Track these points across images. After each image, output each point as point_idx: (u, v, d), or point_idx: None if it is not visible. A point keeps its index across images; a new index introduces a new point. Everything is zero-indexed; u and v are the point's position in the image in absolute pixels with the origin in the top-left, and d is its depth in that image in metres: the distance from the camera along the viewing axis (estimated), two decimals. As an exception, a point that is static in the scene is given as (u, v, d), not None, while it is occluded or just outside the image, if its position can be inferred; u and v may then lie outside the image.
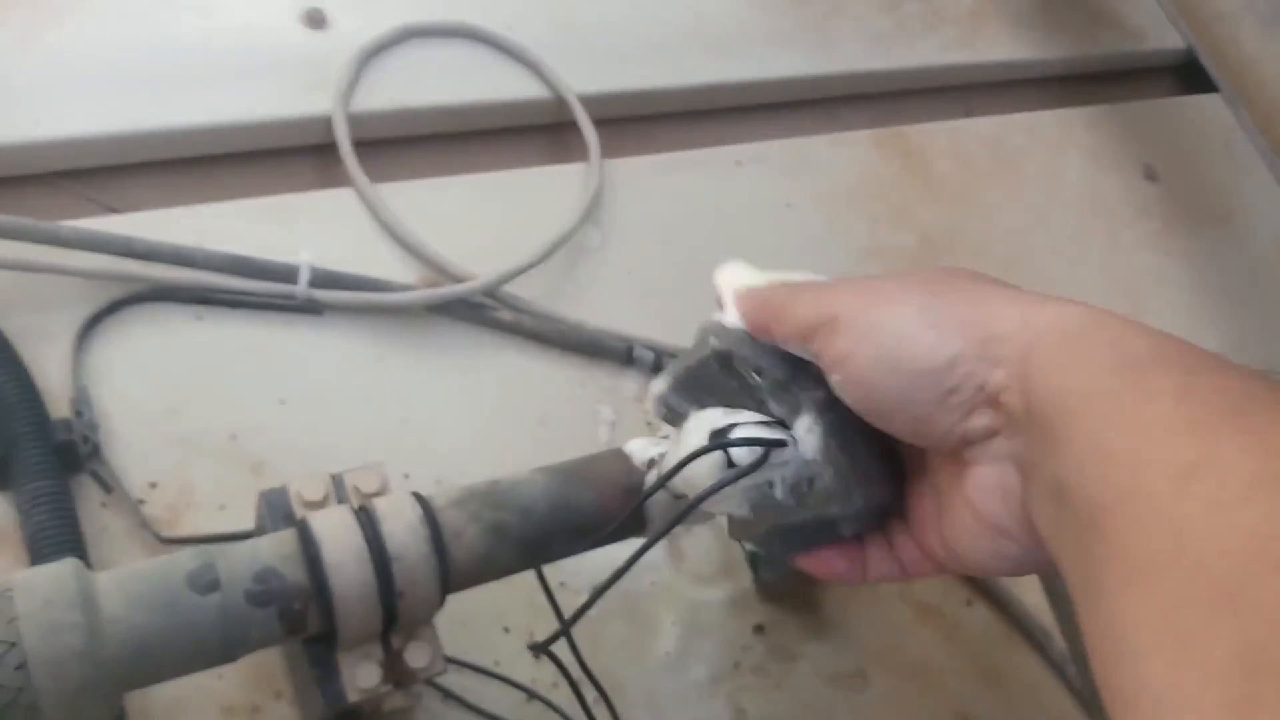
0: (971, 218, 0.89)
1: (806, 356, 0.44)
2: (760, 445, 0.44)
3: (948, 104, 0.99)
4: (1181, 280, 0.92)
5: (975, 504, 0.41)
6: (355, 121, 0.74)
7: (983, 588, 0.70)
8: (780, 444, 0.44)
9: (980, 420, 0.40)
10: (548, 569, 0.52)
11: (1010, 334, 0.39)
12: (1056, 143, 0.97)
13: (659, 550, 0.64)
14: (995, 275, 0.44)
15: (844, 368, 0.42)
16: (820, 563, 0.48)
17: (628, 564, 0.45)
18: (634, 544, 0.47)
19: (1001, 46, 1.01)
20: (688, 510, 0.46)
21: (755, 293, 0.47)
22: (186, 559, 0.45)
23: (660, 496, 0.50)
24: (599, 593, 0.45)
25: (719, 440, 0.45)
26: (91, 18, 0.73)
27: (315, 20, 0.77)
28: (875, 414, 0.43)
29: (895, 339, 0.41)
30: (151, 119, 0.70)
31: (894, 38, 0.96)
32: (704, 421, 0.47)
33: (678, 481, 0.47)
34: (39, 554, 0.53)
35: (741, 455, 0.45)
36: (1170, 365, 0.35)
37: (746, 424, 0.45)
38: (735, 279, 0.48)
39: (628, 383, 0.72)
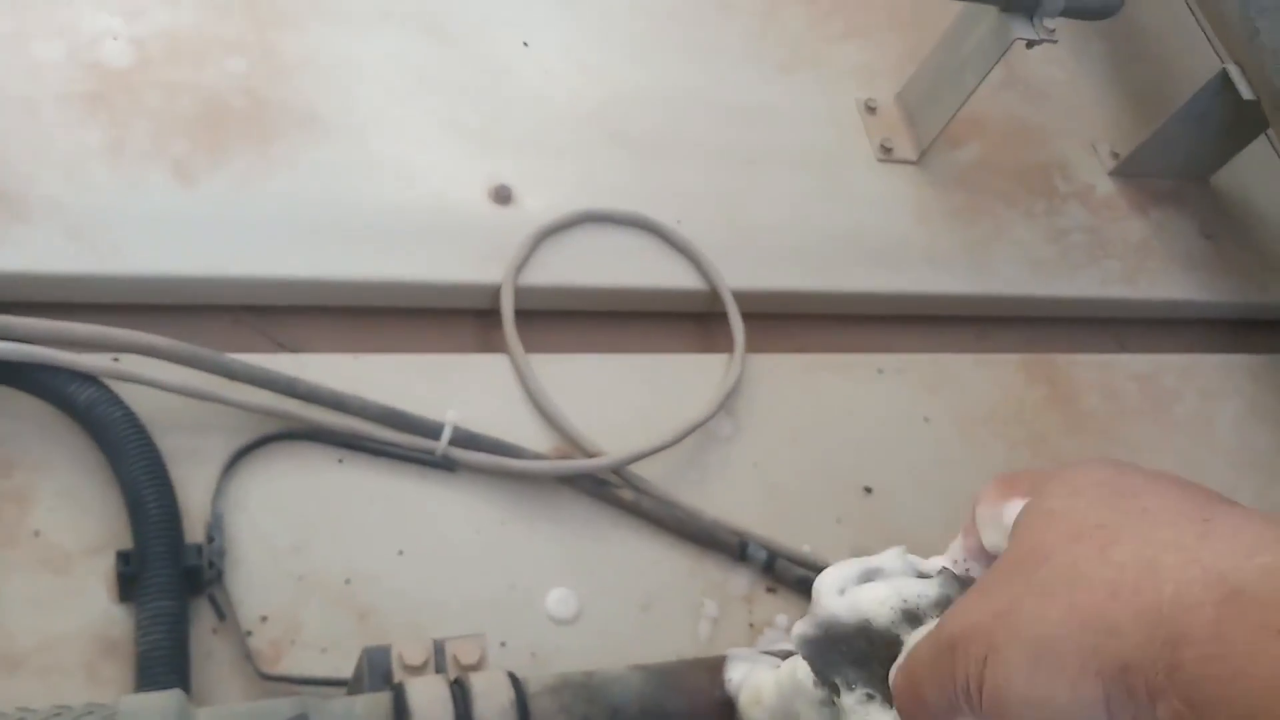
0: (1113, 454, 0.88)
1: None
2: None
3: (1102, 337, 0.98)
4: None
5: None
6: (521, 293, 0.78)
7: None
8: None
9: None
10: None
11: (1144, 649, 0.29)
12: (1213, 388, 0.95)
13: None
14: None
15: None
16: None
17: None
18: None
19: (1165, 284, 1.00)
20: None
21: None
22: (284, 708, 0.46)
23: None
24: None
25: None
26: (304, 172, 0.78)
27: (502, 197, 0.82)
28: None
29: (1024, 706, 0.31)
30: (336, 268, 0.75)
31: (1055, 265, 0.96)
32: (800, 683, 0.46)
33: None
34: (146, 672, 0.56)
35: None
36: None
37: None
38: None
39: (737, 579, 0.72)
